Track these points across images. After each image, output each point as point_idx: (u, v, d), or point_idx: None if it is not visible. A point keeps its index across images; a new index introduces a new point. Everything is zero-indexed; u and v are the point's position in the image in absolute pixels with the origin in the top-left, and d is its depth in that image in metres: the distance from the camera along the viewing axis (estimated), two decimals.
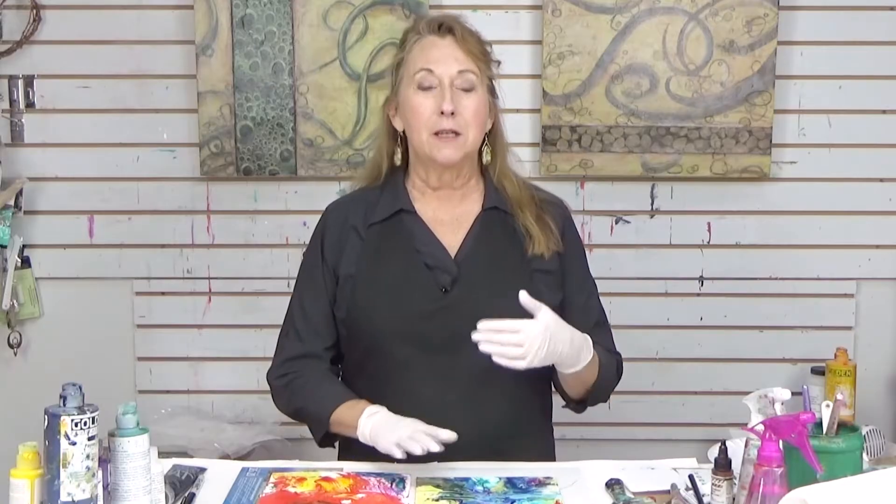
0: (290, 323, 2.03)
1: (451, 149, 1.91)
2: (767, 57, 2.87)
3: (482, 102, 1.93)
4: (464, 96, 1.91)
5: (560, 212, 2.05)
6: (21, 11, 2.89)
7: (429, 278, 1.93)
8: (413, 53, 1.94)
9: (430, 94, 1.91)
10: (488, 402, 1.92)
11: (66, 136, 2.94)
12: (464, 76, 1.91)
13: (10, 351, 2.98)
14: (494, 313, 1.91)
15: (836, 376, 2.82)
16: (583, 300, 2.03)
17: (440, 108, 1.89)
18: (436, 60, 1.91)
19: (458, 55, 1.92)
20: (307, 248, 2.05)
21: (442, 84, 1.90)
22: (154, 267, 2.99)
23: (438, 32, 1.93)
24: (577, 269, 2.04)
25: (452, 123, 1.90)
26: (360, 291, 1.95)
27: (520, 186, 2.01)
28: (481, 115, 1.94)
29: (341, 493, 1.72)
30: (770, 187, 2.97)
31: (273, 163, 2.91)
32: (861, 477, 1.50)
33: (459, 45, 1.92)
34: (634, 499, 1.70)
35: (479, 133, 1.95)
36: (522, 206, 1.99)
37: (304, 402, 1.95)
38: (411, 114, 1.93)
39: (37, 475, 1.49)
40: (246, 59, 2.87)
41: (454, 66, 1.91)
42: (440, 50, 1.92)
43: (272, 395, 2.03)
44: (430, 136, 1.91)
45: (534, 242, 1.96)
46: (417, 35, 1.95)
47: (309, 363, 1.99)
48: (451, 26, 1.94)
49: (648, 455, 1.94)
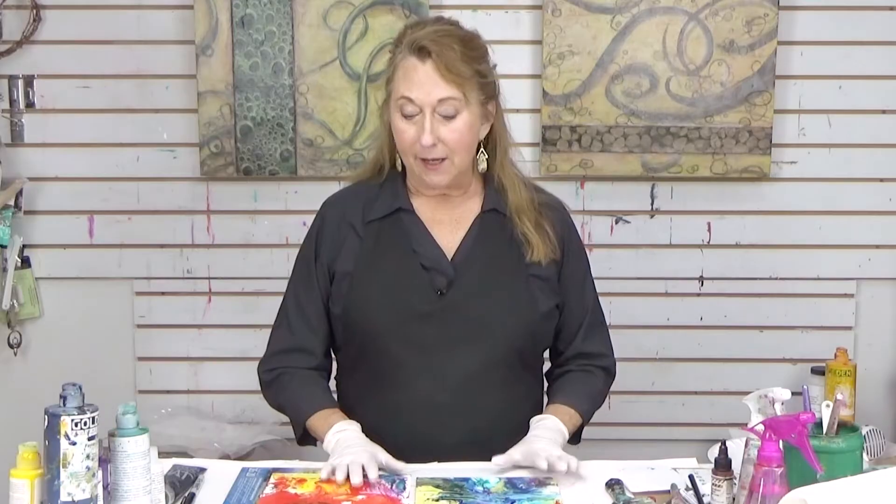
0: (284, 315, 2.04)
1: (439, 175, 1.91)
2: (767, 57, 2.87)
3: (467, 125, 1.88)
4: (446, 123, 1.87)
5: (560, 216, 2.04)
6: (21, 11, 2.89)
7: (425, 279, 1.93)
8: (397, 74, 1.89)
9: (412, 121, 1.88)
10: (480, 404, 1.93)
11: (66, 136, 2.94)
12: (445, 103, 1.86)
13: (10, 351, 2.98)
14: (489, 317, 1.92)
15: (836, 376, 2.82)
16: (581, 302, 2.04)
17: (420, 139, 1.86)
18: (416, 87, 1.86)
19: (438, 82, 1.85)
20: (303, 241, 2.05)
21: (423, 112, 1.86)
22: (154, 267, 2.99)
23: (419, 55, 1.86)
24: (576, 271, 2.04)
25: (436, 153, 1.88)
26: (357, 289, 1.95)
27: (521, 190, 1.99)
28: (466, 138, 1.89)
29: (341, 495, 1.71)
30: (770, 187, 2.97)
31: (273, 163, 2.91)
32: (861, 477, 1.50)
33: (439, 71, 1.85)
34: (634, 499, 1.70)
35: (466, 154, 1.92)
36: (521, 213, 1.97)
37: (286, 402, 2.00)
38: (397, 136, 1.91)
39: (37, 475, 1.49)
40: (246, 59, 2.87)
41: (434, 93, 1.85)
42: (419, 76, 1.86)
43: (260, 386, 2.06)
44: (417, 160, 1.90)
45: (532, 250, 1.96)
46: (401, 53, 1.89)
47: (298, 357, 2.00)
48: (430, 49, 1.85)
49: (648, 455, 1.94)
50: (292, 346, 2.01)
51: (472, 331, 1.92)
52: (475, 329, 1.92)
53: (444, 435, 1.91)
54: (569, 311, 2.03)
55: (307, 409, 1.95)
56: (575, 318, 2.04)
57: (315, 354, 2.01)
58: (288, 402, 2.00)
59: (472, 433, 1.92)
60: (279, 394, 2.01)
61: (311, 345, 2.01)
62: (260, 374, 2.05)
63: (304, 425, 1.95)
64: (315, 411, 1.94)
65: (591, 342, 2.06)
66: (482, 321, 1.93)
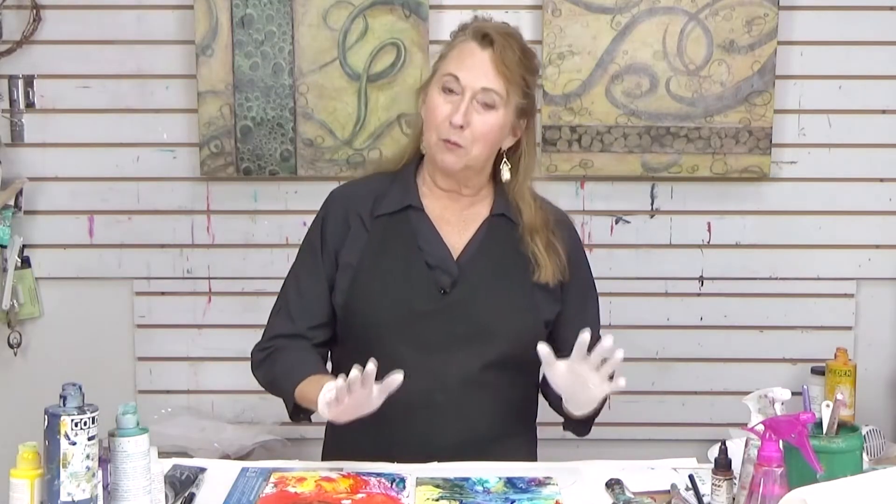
0: (283, 300, 2.02)
1: (453, 157, 1.91)
2: (767, 57, 2.87)
3: (498, 122, 1.90)
4: (481, 112, 1.89)
5: (568, 234, 2.04)
6: (21, 11, 2.88)
7: (429, 278, 1.93)
8: (452, 53, 1.93)
9: (449, 98, 1.90)
10: (476, 405, 1.93)
11: (66, 136, 2.94)
12: (487, 94, 1.89)
13: (10, 351, 2.97)
14: (491, 319, 1.92)
15: (836, 376, 2.81)
16: (582, 317, 2.02)
17: (451, 118, 1.88)
18: (466, 69, 1.89)
19: (489, 71, 1.88)
20: (309, 228, 2.05)
21: (463, 94, 1.88)
22: (154, 267, 2.99)
23: (481, 42, 1.90)
24: (579, 286, 2.04)
25: (458, 136, 1.89)
26: (360, 283, 1.95)
27: (535, 211, 1.99)
28: (493, 134, 1.91)
29: (341, 494, 1.72)
30: (770, 187, 2.97)
31: (273, 163, 2.91)
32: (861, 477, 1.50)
33: (494, 62, 1.88)
34: (634, 499, 1.71)
35: (486, 150, 1.92)
36: (534, 232, 1.97)
37: (275, 374, 1.95)
38: (428, 111, 1.93)
39: (37, 475, 1.49)
40: (246, 59, 2.87)
41: (481, 80, 1.88)
42: (474, 60, 1.89)
43: (251, 367, 2.02)
44: (438, 140, 1.91)
45: (541, 272, 1.96)
46: (464, 36, 1.93)
47: (294, 341, 1.98)
48: (494, 39, 1.89)
49: (648, 455, 1.94)
50: (290, 331, 1.99)
51: (473, 332, 1.92)
52: (476, 330, 1.92)
53: (441, 435, 1.91)
54: (569, 325, 2.01)
55: (297, 377, 1.89)
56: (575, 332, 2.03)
57: (312, 340, 1.99)
58: (279, 373, 1.94)
59: (468, 435, 1.91)
60: (270, 369, 1.97)
61: (308, 331, 1.98)
62: (252, 353, 2.02)
63: (293, 392, 1.89)
64: (306, 376, 1.88)
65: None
66: (484, 323, 1.93)
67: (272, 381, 1.98)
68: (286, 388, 1.92)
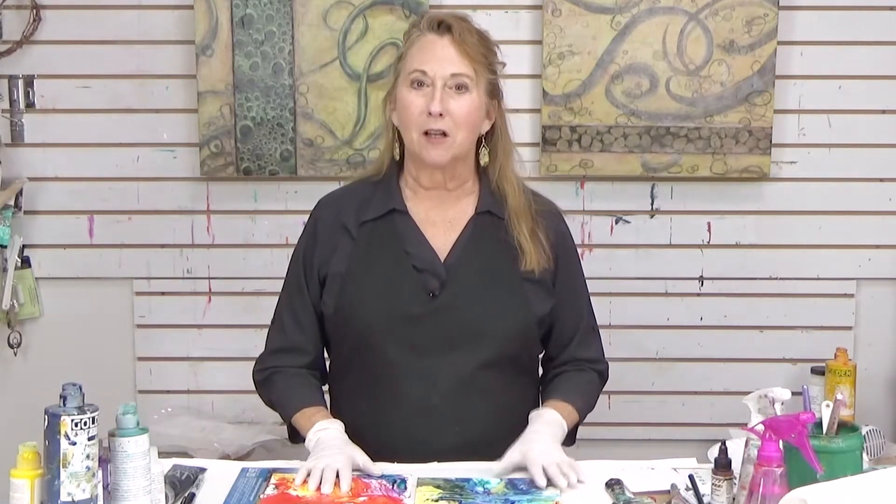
0: (279, 314, 2.06)
1: (440, 150, 1.90)
2: (767, 57, 2.87)
3: (474, 104, 1.91)
4: (455, 97, 1.89)
5: (554, 223, 2.03)
6: (21, 11, 2.88)
7: (417, 281, 1.93)
8: (412, 51, 1.93)
9: (421, 92, 1.90)
10: (472, 407, 1.93)
11: (66, 136, 2.94)
12: (457, 78, 1.89)
13: (10, 351, 2.98)
14: (482, 320, 1.92)
15: (836, 376, 2.81)
16: (573, 308, 2.04)
17: (429, 108, 1.88)
18: (430, 60, 1.90)
19: (453, 56, 1.90)
20: (297, 241, 2.07)
21: (434, 84, 1.89)
22: (154, 267, 2.99)
23: (437, 31, 1.91)
24: (569, 278, 2.04)
25: (441, 124, 1.89)
26: (349, 290, 1.95)
27: (519, 195, 1.99)
28: (472, 117, 1.92)
29: (343, 496, 1.71)
30: (770, 187, 2.97)
31: (273, 163, 2.91)
32: (861, 477, 1.50)
33: (456, 46, 1.90)
34: (634, 499, 1.70)
35: (469, 135, 1.93)
36: (519, 218, 1.97)
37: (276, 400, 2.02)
38: (403, 110, 1.92)
39: (37, 475, 1.50)
40: (246, 59, 2.87)
41: (448, 68, 1.89)
42: (435, 50, 1.90)
43: (254, 386, 2.08)
44: (420, 136, 1.91)
45: (525, 258, 1.96)
46: (418, 32, 1.94)
47: (290, 357, 2.02)
48: (451, 24, 1.91)
49: (648, 455, 1.94)
50: (285, 345, 2.03)
51: (464, 333, 1.92)
52: (467, 332, 1.92)
53: (438, 438, 1.91)
54: (562, 319, 2.02)
55: (292, 407, 1.96)
56: (568, 325, 2.04)
57: (307, 353, 2.02)
58: (277, 400, 2.01)
59: (465, 437, 1.91)
60: (270, 392, 2.03)
61: (302, 344, 2.02)
62: (254, 374, 2.07)
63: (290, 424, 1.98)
64: (299, 409, 1.95)
65: (585, 349, 2.06)
66: (475, 324, 1.92)
67: (272, 405, 2.05)
68: (283, 416, 2.01)
